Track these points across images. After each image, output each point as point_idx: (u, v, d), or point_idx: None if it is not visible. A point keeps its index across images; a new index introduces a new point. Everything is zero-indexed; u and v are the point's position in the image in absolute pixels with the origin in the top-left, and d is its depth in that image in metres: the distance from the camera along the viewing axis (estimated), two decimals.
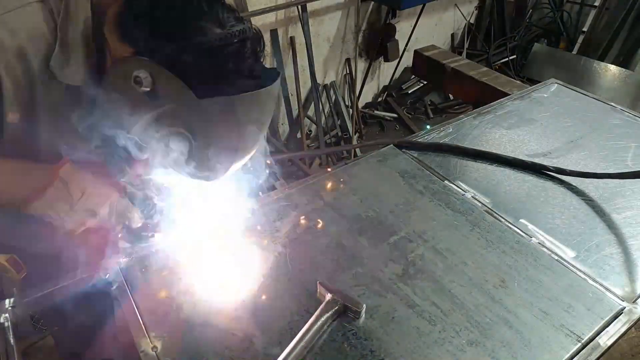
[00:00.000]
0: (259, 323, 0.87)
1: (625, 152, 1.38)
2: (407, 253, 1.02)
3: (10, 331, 0.85)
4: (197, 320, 0.87)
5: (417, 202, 1.16)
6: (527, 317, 0.90)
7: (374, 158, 1.31)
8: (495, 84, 1.77)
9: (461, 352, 0.83)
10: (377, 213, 1.13)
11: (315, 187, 1.21)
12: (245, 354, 0.82)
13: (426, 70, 2.04)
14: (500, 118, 1.53)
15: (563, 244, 1.07)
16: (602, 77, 4.18)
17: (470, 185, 1.23)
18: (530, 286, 0.96)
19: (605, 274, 1.00)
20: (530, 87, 1.74)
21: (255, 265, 0.99)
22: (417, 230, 1.08)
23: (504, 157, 1.31)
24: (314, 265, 0.99)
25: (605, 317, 0.91)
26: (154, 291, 0.92)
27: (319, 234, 1.07)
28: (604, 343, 0.86)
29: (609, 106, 1.61)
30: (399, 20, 3.84)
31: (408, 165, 1.28)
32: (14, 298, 0.91)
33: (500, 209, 1.16)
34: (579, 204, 1.19)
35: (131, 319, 0.87)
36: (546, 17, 5.00)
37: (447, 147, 1.36)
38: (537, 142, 1.41)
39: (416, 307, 0.91)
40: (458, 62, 1.93)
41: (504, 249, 1.04)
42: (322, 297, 0.89)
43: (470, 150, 1.34)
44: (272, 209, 1.13)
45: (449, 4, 4.27)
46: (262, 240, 1.04)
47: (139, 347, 0.82)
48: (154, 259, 0.98)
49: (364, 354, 0.83)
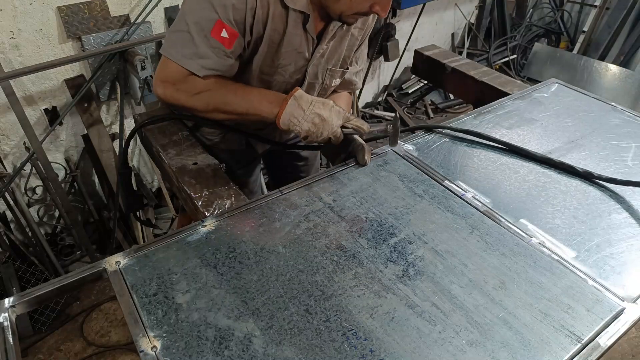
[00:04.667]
0: (259, 323, 0.87)
1: (626, 152, 1.38)
2: (406, 254, 1.02)
3: (10, 331, 0.85)
4: (197, 320, 0.87)
5: (416, 205, 1.16)
6: (527, 318, 0.90)
7: (373, 162, 1.31)
8: (496, 84, 1.77)
9: (461, 353, 0.83)
10: (376, 215, 1.13)
11: (314, 188, 1.21)
12: (245, 354, 0.82)
13: (426, 70, 2.04)
14: (501, 118, 1.53)
15: (563, 244, 1.07)
16: (602, 76, 4.18)
17: (470, 185, 1.23)
18: (529, 287, 0.96)
19: (606, 274, 1.00)
20: (530, 86, 1.73)
21: (256, 265, 0.98)
22: (416, 232, 1.08)
23: (540, 156, 1.33)
24: (314, 265, 0.99)
25: (605, 317, 0.90)
26: (154, 290, 0.92)
27: (319, 234, 1.07)
28: (604, 343, 0.86)
29: (609, 106, 1.61)
30: (399, 20, 3.84)
31: (407, 170, 1.28)
32: (13, 297, 0.91)
33: (501, 209, 1.16)
34: (579, 204, 1.19)
35: (131, 318, 0.87)
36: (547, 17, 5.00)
37: (480, 135, 1.41)
38: (538, 142, 1.41)
39: (416, 307, 0.91)
40: (458, 61, 1.93)
41: (503, 251, 1.04)
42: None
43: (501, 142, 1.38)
44: (272, 209, 1.13)
45: (449, 4, 4.27)
46: (262, 241, 1.04)
47: (139, 347, 0.82)
48: (154, 258, 0.98)
49: (364, 354, 0.83)
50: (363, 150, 1.28)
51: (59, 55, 2.25)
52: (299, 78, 1.38)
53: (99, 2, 2.25)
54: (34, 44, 2.17)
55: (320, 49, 1.32)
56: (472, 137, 1.41)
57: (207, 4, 1.15)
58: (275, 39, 1.24)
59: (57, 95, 2.37)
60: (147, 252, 1.00)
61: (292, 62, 1.31)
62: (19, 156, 2.37)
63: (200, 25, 1.16)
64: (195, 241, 1.03)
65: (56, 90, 2.35)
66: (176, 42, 1.20)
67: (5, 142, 2.32)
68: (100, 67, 2.36)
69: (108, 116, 2.62)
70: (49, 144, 2.45)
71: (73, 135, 2.54)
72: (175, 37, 1.21)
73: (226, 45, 1.18)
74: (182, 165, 1.31)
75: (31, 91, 2.28)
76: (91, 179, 2.75)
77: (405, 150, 1.36)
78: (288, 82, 1.37)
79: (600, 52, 4.42)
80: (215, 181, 1.25)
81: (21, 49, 2.15)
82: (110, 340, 2.37)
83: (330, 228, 1.09)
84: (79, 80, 2.38)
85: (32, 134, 2.13)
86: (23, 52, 2.16)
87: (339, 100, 1.54)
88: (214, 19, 1.15)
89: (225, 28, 1.15)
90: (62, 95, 2.38)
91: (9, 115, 2.20)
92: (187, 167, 1.30)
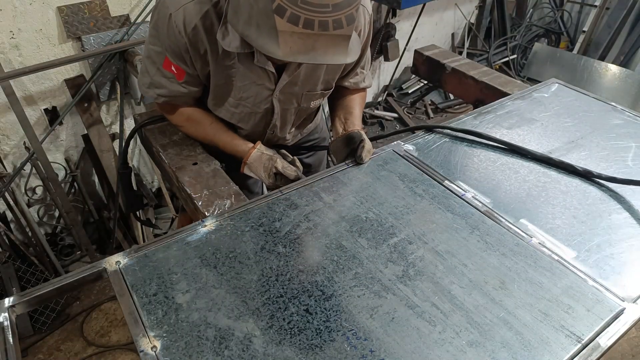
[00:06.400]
0: (259, 323, 0.87)
1: (626, 152, 1.38)
2: (407, 255, 1.02)
3: (10, 331, 0.85)
4: (197, 320, 0.87)
5: (416, 205, 1.16)
6: (527, 318, 0.90)
7: (373, 161, 1.31)
8: (496, 84, 1.77)
9: (461, 353, 0.83)
10: (376, 215, 1.13)
11: (314, 188, 1.21)
12: (245, 354, 0.82)
13: (426, 70, 2.04)
14: (501, 118, 1.53)
15: (563, 244, 1.07)
16: (602, 76, 4.18)
17: (470, 185, 1.23)
18: (530, 288, 0.96)
19: (606, 274, 1.00)
20: (530, 86, 1.73)
21: (256, 265, 0.98)
22: (416, 232, 1.08)
23: (540, 155, 1.32)
24: (314, 265, 0.99)
25: (605, 317, 0.90)
26: (154, 290, 0.92)
27: (319, 234, 1.07)
28: (604, 343, 0.86)
29: (609, 106, 1.61)
30: (399, 20, 3.84)
31: (408, 170, 1.28)
32: (13, 297, 0.91)
33: (501, 209, 1.16)
34: (579, 204, 1.19)
35: (131, 318, 0.87)
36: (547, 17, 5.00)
37: (479, 135, 1.40)
38: (538, 142, 1.41)
39: (416, 307, 0.91)
40: (458, 61, 1.93)
41: (503, 251, 1.04)
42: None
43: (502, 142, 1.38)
44: (272, 209, 1.13)
45: (450, 4, 4.27)
46: (262, 241, 1.04)
47: (139, 347, 0.82)
48: (154, 258, 0.98)
49: (364, 354, 0.83)
50: (363, 148, 1.28)
51: (59, 55, 2.25)
52: (267, 107, 1.34)
53: (99, 2, 2.25)
54: (34, 44, 2.17)
55: (284, 79, 1.26)
56: (472, 137, 1.41)
57: (156, 40, 1.21)
58: (228, 74, 1.24)
59: (57, 95, 2.37)
60: (147, 252, 1.00)
61: (252, 95, 1.29)
62: (19, 156, 2.36)
63: (152, 59, 1.25)
64: (195, 241, 1.03)
65: (56, 90, 2.35)
66: (140, 71, 1.33)
67: (5, 142, 2.32)
68: (100, 67, 2.36)
69: (108, 116, 2.62)
70: (49, 144, 2.44)
71: (73, 135, 2.53)
72: (140, 65, 1.32)
73: (177, 77, 1.24)
74: (182, 165, 1.31)
75: (31, 91, 2.28)
76: (91, 179, 2.75)
77: (405, 150, 1.36)
78: (255, 112, 1.35)
79: (600, 52, 4.42)
80: (215, 181, 1.25)
81: (21, 49, 2.15)
82: (110, 340, 2.37)
83: (330, 228, 1.08)
84: (79, 80, 2.38)
85: (32, 134, 2.13)
86: (23, 52, 2.16)
87: (355, 103, 1.50)
88: (163, 54, 1.22)
89: (173, 65, 1.22)
90: (62, 95, 2.38)
91: (9, 115, 2.20)
92: (187, 167, 1.30)
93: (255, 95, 1.30)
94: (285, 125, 1.46)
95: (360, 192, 1.19)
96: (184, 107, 1.36)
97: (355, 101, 1.51)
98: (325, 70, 1.33)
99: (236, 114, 1.35)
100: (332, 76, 1.38)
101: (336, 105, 1.52)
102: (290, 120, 1.46)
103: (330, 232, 1.07)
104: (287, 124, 1.46)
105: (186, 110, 1.36)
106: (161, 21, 1.15)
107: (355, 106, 1.48)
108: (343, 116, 1.46)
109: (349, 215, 1.12)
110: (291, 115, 1.43)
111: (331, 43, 0.96)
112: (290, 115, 1.42)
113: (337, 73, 1.39)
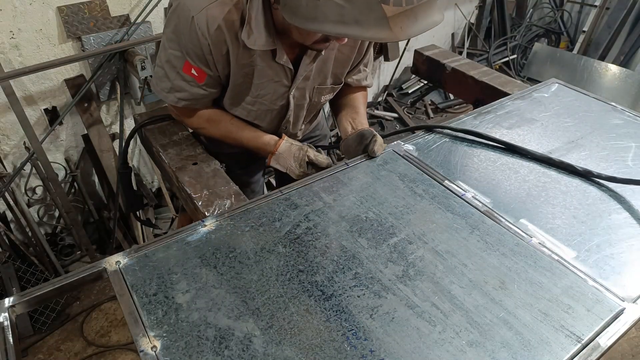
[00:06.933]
0: (259, 323, 0.87)
1: (626, 152, 1.38)
2: (407, 254, 1.02)
3: (10, 331, 0.85)
4: (197, 320, 0.87)
5: (416, 205, 1.16)
6: (527, 318, 0.90)
7: (373, 161, 1.31)
8: (496, 84, 1.77)
9: (461, 353, 0.83)
10: (376, 215, 1.13)
11: (314, 188, 1.21)
12: (245, 354, 0.82)
13: (426, 70, 2.04)
14: (501, 118, 1.53)
15: (563, 244, 1.07)
16: (602, 76, 4.18)
17: (470, 185, 1.23)
18: (529, 287, 0.96)
19: (606, 274, 1.00)
20: (530, 86, 1.73)
21: (256, 265, 0.98)
22: (416, 232, 1.08)
23: (540, 155, 1.32)
24: (314, 265, 0.99)
25: (605, 317, 0.90)
26: (154, 290, 0.92)
27: (319, 234, 1.07)
28: (604, 343, 0.86)
29: (609, 106, 1.61)
30: None
31: (408, 169, 1.28)
32: (13, 297, 0.91)
33: (501, 209, 1.16)
34: (579, 204, 1.19)
35: (131, 318, 0.87)
36: (547, 17, 5.00)
37: (479, 135, 1.40)
38: (538, 142, 1.41)
39: (416, 307, 0.91)
40: (458, 61, 1.93)
41: (503, 251, 1.04)
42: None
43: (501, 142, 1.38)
44: (272, 209, 1.13)
45: (450, 4, 4.27)
46: (262, 241, 1.04)
47: (139, 347, 0.82)
48: (154, 258, 0.98)
49: (364, 354, 0.83)
50: (375, 143, 1.30)
51: (59, 55, 2.25)
52: (283, 104, 1.38)
53: (99, 2, 2.25)
54: (34, 44, 2.17)
55: (301, 75, 1.31)
56: (472, 137, 1.41)
57: (175, 45, 1.20)
58: (247, 72, 1.26)
59: (57, 95, 2.37)
60: (147, 252, 1.00)
61: (270, 92, 1.32)
62: (19, 156, 2.37)
63: (172, 63, 1.25)
64: (195, 241, 1.03)
65: (56, 90, 2.35)
66: (156, 75, 1.32)
67: (5, 142, 2.32)
68: (100, 67, 2.36)
69: (108, 116, 2.62)
70: (49, 144, 2.45)
71: (73, 135, 2.54)
72: (156, 70, 1.30)
73: (198, 80, 1.25)
74: (182, 165, 1.31)
75: (31, 91, 2.28)
76: (91, 179, 2.75)
77: (405, 150, 1.36)
78: (271, 109, 1.38)
79: (600, 52, 4.42)
80: (215, 181, 1.25)
81: (21, 49, 2.15)
82: (110, 340, 2.37)
83: (330, 228, 1.08)
84: (79, 80, 2.38)
85: (32, 134, 2.13)
86: (23, 52, 2.16)
87: (360, 103, 1.54)
88: (183, 58, 1.21)
89: (193, 68, 1.22)
90: (62, 95, 2.39)
91: (9, 115, 2.20)
92: (187, 167, 1.30)
93: (272, 93, 1.33)
94: (297, 121, 1.50)
95: (360, 192, 1.19)
96: (203, 110, 1.37)
97: (359, 100, 1.54)
98: (334, 64, 1.38)
99: (253, 111, 1.37)
100: (340, 70, 1.43)
101: (340, 105, 1.55)
102: (302, 116, 1.49)
103: (330, 232, 1.07)
104: (300, 120, 1.50)
105: (205, 112, 1.37)
106: (182, 24, 1.15)
107: (360, 105, 1.52)
108: (350, 116, 1.49)
109: (349, 215, 1.12)
110: (303, 111, 1.47)
111: (426, 7, 1.00)
112: (302, 110, 1.46)
113: (346, 67, 1.43)
